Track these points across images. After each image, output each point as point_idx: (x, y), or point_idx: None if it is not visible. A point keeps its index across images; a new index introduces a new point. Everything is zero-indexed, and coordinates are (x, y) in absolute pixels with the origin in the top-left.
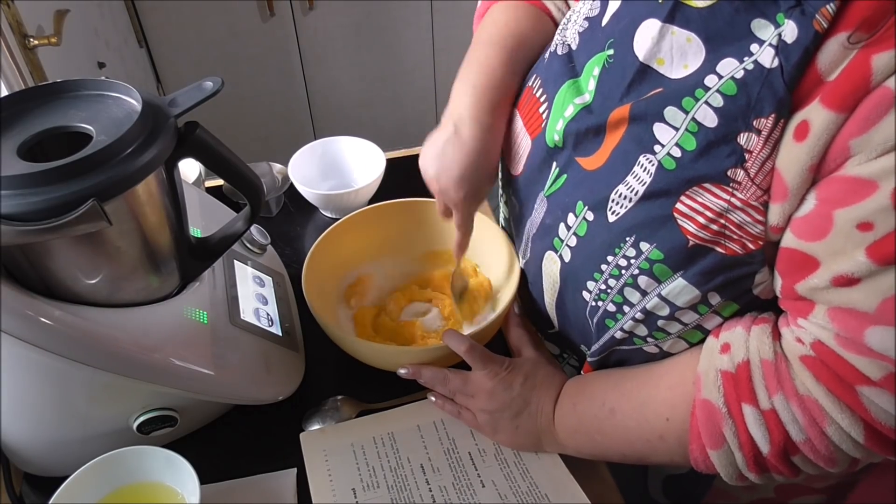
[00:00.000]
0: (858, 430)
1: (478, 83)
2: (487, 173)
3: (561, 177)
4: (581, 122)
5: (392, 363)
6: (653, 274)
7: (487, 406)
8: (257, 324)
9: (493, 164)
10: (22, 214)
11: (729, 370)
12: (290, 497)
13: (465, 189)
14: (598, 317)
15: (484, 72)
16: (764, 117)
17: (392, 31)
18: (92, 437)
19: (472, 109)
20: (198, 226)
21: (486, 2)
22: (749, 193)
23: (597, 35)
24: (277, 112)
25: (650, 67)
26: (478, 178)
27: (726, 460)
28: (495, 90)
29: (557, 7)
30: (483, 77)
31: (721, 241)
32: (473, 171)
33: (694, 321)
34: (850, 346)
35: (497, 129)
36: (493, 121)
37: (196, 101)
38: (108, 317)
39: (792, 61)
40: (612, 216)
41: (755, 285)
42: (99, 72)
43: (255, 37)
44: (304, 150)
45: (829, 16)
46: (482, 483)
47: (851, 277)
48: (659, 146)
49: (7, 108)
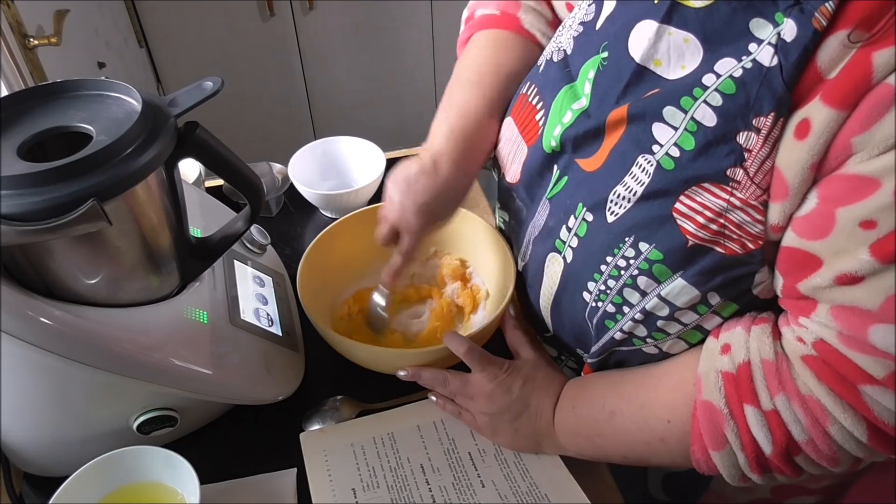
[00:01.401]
0: (861, 429)
1: (455, 127)
2: (450, 208)
3: (562, 179)
4: (579, 127)
5: (389, 366)
6: (652, 274)
7: (487, 408)
8: (257, 324)
9: (457, 203)
10: (22, 214)
11: (730, 371)
12: (290, 497)
13: (426, 218)
14: (598, 318)
15: (462, 115)
16: (763, 116)
17: (392, 31)
18: (92, 437)
19: (450, 151)
20: (198, 226)
21: (471, 28)
22: (748, 193)
23: (591, 38)
24: (277, 112)
25: (647, 69)
26: (441, 210)
27: (728, 461)
28: (472, 133)
29: (542, 32)
30: (461, 121)
31: (720, 241)
32: (440, 203)
33: (693, 321)
34: (854, 345)
35: (471, 172)
36: (469, 164)
37: (196, 101)
38: (108, 317)
39: (791, 60)
40: (611, 217)
41: (755, 285)
42: (99, 72)
43: (255, 37)
44: (304, 150)
45: (828, 14)
46: (482, 483)
47: (854, 276)
48: (657, 146)
49: (7, 108)
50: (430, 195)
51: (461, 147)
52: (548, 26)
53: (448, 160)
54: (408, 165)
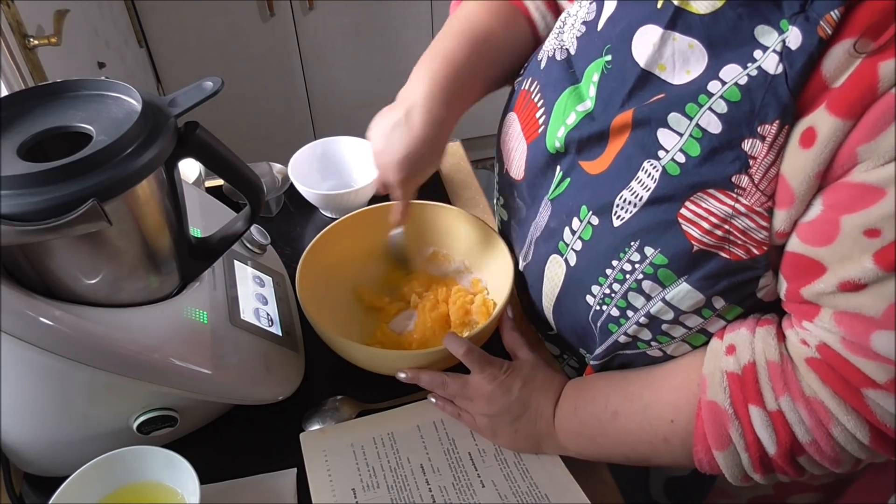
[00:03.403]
0: (863, 431)
1: (437, 74)
2: (430, 161)
3: (565, 181)
4: (584, 130)
5: (388, 367)
6: (657, 278)
7: (486, 410)
8: (257, 324)
9: (436, 154)
10: (22, 214)
11: (735, 372)
12: (290, 497)
13: (404, 173)
14: (602, 321)
15: (445, 63)
16: (768, 123)
17: (392, 31)
18: (92, 437)
19: (426, 99)
20: (198, 226)
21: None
22: (753, 199)
23: (593, 39)
24: (277, 112)
25: (652, 74)
26: (419, 164)
27: (732, 461)
28: (453, 84)
29: (536, 7)
30: (443, 68)
31: (725, 247)
32: (416, 157)
33: (698, 325)
34: (856, 350)
35: (448, 123)
36: (446, 115)
37: (196, 101)
38: (108, 317)
39: (796, 68)
40: (618, 221)
41: (759, 289)
42: (99, 72)
43: (255, 37)
44: (304, 150)
45: (833, 22)
46: (482, 483)
47: (858, 283)
48: (663, 151)
49: (7, 108)
50: (405, 151)
51: (441, 98)
52: (546, 7)
53: (423, 111)
54: (384, 117)
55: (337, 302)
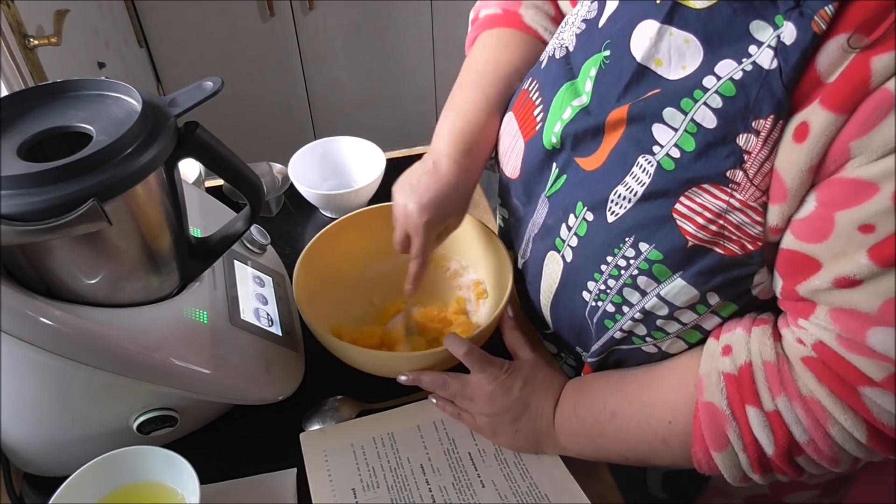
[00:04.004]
0: (861, 430)
1: (456, 128)
2: (456, 208)
3: (561, 177)
4: (579, 124)
5: (387, 369)
6: (652, 274)
7: (486, 410)
8: (257, 324)
9: (463, 201)
10: (22, 214)
11: (731, 372)
12: (290, 497)
13: (430, 214)
14: (598, 317)
15: (461, 116)
16: (762, 118)
17: (392, 31)
18: (92, 437)
19: (450, 151)
20: (198, 226)
21: (476, 28)
22: (748, 194)
23: (594, 36)
24: (277, 112)
25: (648, 68)
26: (445, 208)
27: (730, 462)
28: (472, 135)
29: (545, 28)
30: (461, 122)
31: (720, 242)
32: (443, 200)
33: (692, 321)
34: (852, 347)
35: (473, 171)
36: (470, 163)
37: (196, 101)
38: (108, 317)
39: (790, 63)
40: (612, 216)
41: (754, 286)
42: (99, 72)
43: (255, 37)
44: (304, 150)
45: (827, 17)
46: (482, 483)
47: (853, 279)
48: (658, 147)
49: (7, 108)
50: (433, 193)
51: (461, 147)
52: (550, 22)
53: (449, 160)
54: (413, 170)
55: (335, 302)
